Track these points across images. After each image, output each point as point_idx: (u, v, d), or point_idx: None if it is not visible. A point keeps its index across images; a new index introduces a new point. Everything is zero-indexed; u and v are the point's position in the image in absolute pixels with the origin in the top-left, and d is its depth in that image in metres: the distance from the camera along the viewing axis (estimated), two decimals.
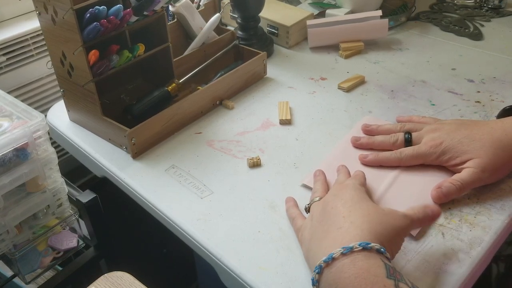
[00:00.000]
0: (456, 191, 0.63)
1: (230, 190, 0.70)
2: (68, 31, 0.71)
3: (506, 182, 0.68)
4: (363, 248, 0.47)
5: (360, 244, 0.47)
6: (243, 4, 0.96)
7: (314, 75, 0.96)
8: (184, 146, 0.79)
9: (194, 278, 1.18)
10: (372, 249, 0.47)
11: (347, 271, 0.46)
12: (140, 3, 0.75)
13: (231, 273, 0.59)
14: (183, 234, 0.65)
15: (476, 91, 0.87)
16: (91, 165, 0.81)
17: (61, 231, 0.81)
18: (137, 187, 0.72)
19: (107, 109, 0.79)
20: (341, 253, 0.47)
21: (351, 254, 0.47)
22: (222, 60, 0.95)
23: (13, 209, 0.71)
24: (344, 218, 0.52)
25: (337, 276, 0.47)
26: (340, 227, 0.51)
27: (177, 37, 0.97)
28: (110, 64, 0.75)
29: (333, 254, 0.47)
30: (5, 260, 0.79)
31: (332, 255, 0.47)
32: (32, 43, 1.22)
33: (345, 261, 0.47)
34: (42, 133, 0.70)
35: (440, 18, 1.14)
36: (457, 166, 0.66)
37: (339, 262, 0.47)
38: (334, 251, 0.48)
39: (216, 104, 0.87)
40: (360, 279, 0.45)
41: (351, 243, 0.48)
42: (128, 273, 0.61)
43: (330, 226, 0.52)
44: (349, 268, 0.46)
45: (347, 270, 0.46)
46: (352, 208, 0.53)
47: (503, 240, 0.64)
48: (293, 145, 0.78)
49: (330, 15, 1.09)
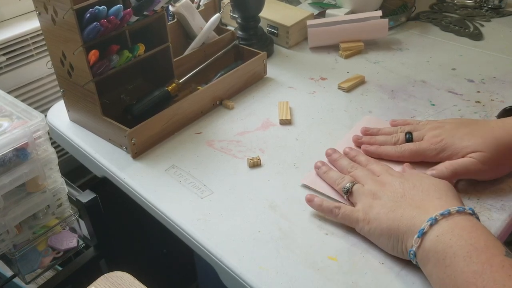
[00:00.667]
0: (448, 175, 0.64)
1: (230, 190, 0.70)
2: (68, 31, 0.71)
3: (506, 182, 0.68)
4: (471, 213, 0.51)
5: (470, 208, 0.51)
6: (243, 4, 0.96)
7: (314, 75, 0.96)
8: (184, 146, 0.79)
9: (194, 278, 1.18)
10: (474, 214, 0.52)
11: (465, 223, 0.49)
12: (140, 3, 0.75)
13: (231, 273, 0.59)
14: (183, 234, 0.65)
15: (476, 91, 0.87)
16: (91, 165, 0.81)
17: (61, 231, 0.81)
18: (137, 187, 0.72)
19: (107, 109, 0.79)
20: (456, 211, 0.50)
21: (464, 214, 0.50)
22: (222, 60, 0.95)
23: (13, 209, 0.71)
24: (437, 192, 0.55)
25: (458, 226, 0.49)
26: (440, 197, 0.54)
27: (177, 37, 0.97)
28: (110, 64, 0.75)
29: (450, 210, 0.50)
30: (5, 260, 0.78)
31: (449, 210, 0.50)
32: (32, 43, 1.22)
33: (461, 218, 0.50)
34: (42, 133, 0.70)
35: (440, 18, 1.14)
36: None
37: (457, 217, 0.50)
38: (450, 208, 0.51)
39: (216, 104, 0.87)
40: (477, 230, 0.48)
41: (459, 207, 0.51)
42: (128, 273, 0.61)
43: (426, 196, 0.55)
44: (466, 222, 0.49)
45: (465, 223, 0.49)
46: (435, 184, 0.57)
47: (503, 240, 0.64)
48: (293, 145, 0.78)
49: (330, 15, 1.09)
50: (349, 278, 0.57)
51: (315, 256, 0.60)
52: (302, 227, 0.64)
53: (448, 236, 0.49)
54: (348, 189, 0.63)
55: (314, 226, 0.64)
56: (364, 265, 0.58)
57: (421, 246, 0.51)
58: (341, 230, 0.63)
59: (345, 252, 0.60)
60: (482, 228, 0.50)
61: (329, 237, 0.62)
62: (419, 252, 0.52)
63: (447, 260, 0.47)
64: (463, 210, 0.51)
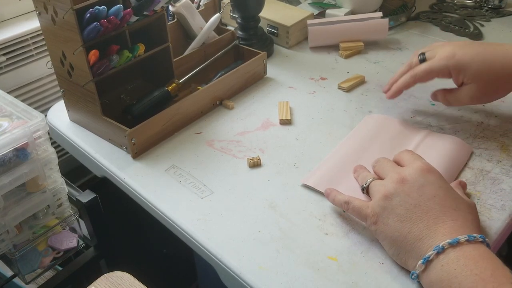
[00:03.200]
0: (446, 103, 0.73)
1: (230, 190, 0.70)
2: (68, 31, 0.71)
3: (506, 182, 0.68)
4: (482, 241, 0.49)
5: (481, 236, 0.49)
6: (243, 4, 0.96)
7: (314, 75, 0.96)
8: (184, 146, 0.79)
9: (194, 278, 1.18)
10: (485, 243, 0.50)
11: (473, 253, 0.48)
12: (140, 3, 0.75)
13: (231, 273, 0.59)
14: (183, 234, 0.65)
15: None
16: (91, 165, 0.81)
17: (61, 231, 0.81)
18: (137, 187, 0.72)
19: (107, 109, 0.79)
20: (466, 240, 0.48)
21: (474, 242, 0.49)
22: (222, 60, 0.95)
23: (13, 209, 0.71)
24: (455, 211, 0.52)
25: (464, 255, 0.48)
26: (456, 219, 0.51)
27: (177, 37, 0.97)
28: (110, 64, 0.75)
29: (459, 239, 0.48)
30: (5, 260, 0.78)
31: (458, 239, 0.48)
32: (32, 43, 1.22)
33: (470, 247, 0.48)
34: (42, 133, 0.70)
35: (440, 18, 1.14)
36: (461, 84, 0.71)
37: (465, 246, 0.48)
38: (460, 236, 0.49)
39: (216, 104, 0.87)
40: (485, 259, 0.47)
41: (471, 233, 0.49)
42: (128, 273, 0.61)
43: (442, 214, 0.52)
44: (474, 251, 0.48)
45: (472, 252, 0.48)
46: (457, 201, 0.54)
47: (503, 240, 0.64)
48: (293, 145, 0.78)
49: (330, 15, 1.09)
50: (349, 278, 0.57)
51: (315, 256, 0.60)
52: (302, 227, 0.64)
53: (454, 266, 0.47)
54: (364, 187, 0.62)
55: (314, 226, 0.64)
56: (364, 265, 0.58)
57: (425, 272, 0.50)
58: (341, 230, 0.63)
59: (345, 252, 0.60)
60: (490, 256, 0.48)
61: (329, 237, 0.62)
62: (423, 277, 0.51)
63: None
64: (473, 239, 0.49)
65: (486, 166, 0.71)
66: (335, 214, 0.65)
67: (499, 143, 0.75)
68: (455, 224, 0.51)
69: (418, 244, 0.51)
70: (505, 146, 0.74)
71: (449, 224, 0.51)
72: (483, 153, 0.73)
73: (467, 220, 0.52)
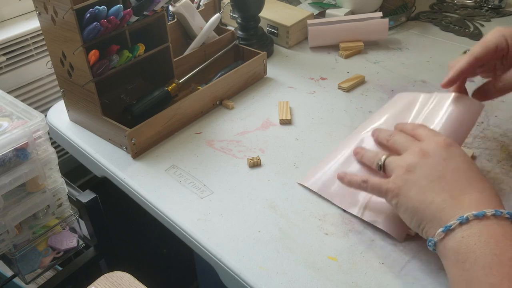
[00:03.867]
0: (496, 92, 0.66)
1: (230, 190, 0.70)
2: (68, 31, 0.71)
3: (506, 182, 0.68)
4: (509, 217, 0.47)
5: (508, 213, 0.47)
6: (243, 4, 0.96)
7: (314, 75, 0.96)
8: (184, 146, 0.79)
9: (194, 278, 1.18)
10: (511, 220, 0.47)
11: (497, 230, 0.45)
12: (140, 3, 0.75)
13: (231, 273, 0.59)
14: (183, 234, 0.65)
15: None
16: (91, 165, 0.81)
17: (61, 231, 0.81)
18: (137, 187, 0.72)
19: (107, 109, 0.79)
20: (492, 214, 0.46)
21: (500, 218, 0.46)
22: (222, 60, 0.95)
23: (13, 209, 0.71)
24: (481, 183, 0.50)
25: (488, 231, 0.45)
26: (482, 191, 0.49)
27: (177, 37, 0.97)
28: (110, 64, 0.75)
29: (486, 212, 0.46)
30: (5, 260, 0.78)
31: (485, 212, 0.46)
32: (32, 43, 1.22)
33: (495, 223, 0.46)
34: (42, 133, 0.70)
35: (440, 18, 1.14)
36: None
37: (491, 221, 0.46)
38: (487, 210, 0.46)
39: (216, 104, 0.87)
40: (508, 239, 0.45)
41: (500, 209, 0.47)
42: (128, 273, 0.61)
43: (468, 186, 0.50)
44: (498, 228, 0.45)
45: (496, 230, 0.45)
46: (481, 175, 0.51)
47: None
48: (293, 145, 0.78)
49: (330, 15, 1.09)
50: (349, 278, 0.57)
51: (315, 256, 0.60)
52: (302, 227, 0.64)
53: (474, 240, 0.45)
54: (380, 165, 0.58)
55: (314, 226, 0.64)
56: (364, 265, 0.58)
57: (443, 241, 0.48)
58: (341, 230, 0.63)
59: (345, 252, 0.60)
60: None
61: (329, 237, 0.62)
62: (440, 245, 0.49)
63: (466, 264, 0.45)
64: (500, 214, 0.46)
65: (486, 166, 0.71)
66: (335, 214, 0.65)
67: (499, 143, 0.75)
68: (481, 196, 0.48)
69: (441, 213, 0.49)
70: (505, 146, 0.74)
71: (475, 196, 0.49)
72: (483, 153, 0.73)
73: (493, 194, 0.49)
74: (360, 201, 0.64)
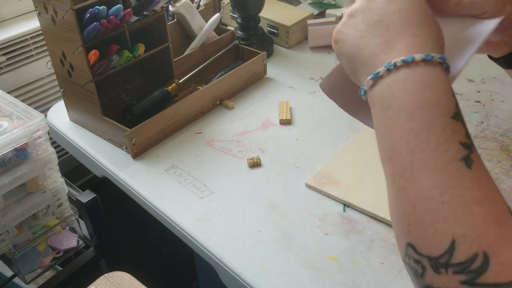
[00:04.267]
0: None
1: (230, 190, 0.70)
2: (68, 31, 0.71)
3: (506, 182, 0.68)
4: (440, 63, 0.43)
5: (441, 57, 0.43)
6: (243, 4, 0.96)
7: (314, 75, 0.96)
8: (184, 146, 0.79)
9: (194, 278, 1.18)
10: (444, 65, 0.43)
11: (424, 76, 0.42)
12: (140, 3, 0.75)
13: (231, 273, 0.59)
14: (183, 234, 0.65)
15: (476, 91, 0.87)
16: (91, 165, 0.81)
17: (61, 231, 0.81)
18: (137, 187, 0.72)
19: (107, 109, 0.79)
20: (422, 59, 0.42)
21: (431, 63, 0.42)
22: (222, 60, 0.94)
23: (13, 209, 0.71)
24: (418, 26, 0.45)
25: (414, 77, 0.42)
26: (418, 34, 0.45)
27: (177, 37, 0.97)
28: (110, 64, 0.75)
29: (415, 57, 0.42)
30: (5, 260, 0.78)
31: (414, 57, 0.42)
32: (32, 43, 1.22)
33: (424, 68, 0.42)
34: (42, 133, 0.70)
35: None
36: None
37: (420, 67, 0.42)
38: (416, 54, 0.42)
39: (216, 104, 0.87)
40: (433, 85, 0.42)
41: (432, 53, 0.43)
42: (128, 273, 0.61)
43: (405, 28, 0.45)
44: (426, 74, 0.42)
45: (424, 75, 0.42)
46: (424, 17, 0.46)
47: None
48: (293, 145, 0.78)
49: (330, 15, 1.09)
50: (349, 278, 0.57)
51: (315, 256, 0.60)
52: (302, 227, 0.64)
53: (399, 87, 0.42)
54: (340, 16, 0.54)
55: (314, 226, 0.64)
56: (364, 265, 0.58)
57: (372, 89, 0.45)
58: (341, 230, 0.63)
59: (345, 252, 0.60)
60: (442, 83, 0.42)
61: (329, 237, 0.62)
62: (369, 94, 0.45)
63: (389, 112, 0.43)
64: (430, 59, 0.43)
65: (486, 166, 0.70)
66: (335, 214, 0.65)
67: (499, 143, 0.75)
68: (415, 41, 0.44)
69: (373, 59, 0.45)
70: (505, 146, 0.75)
71: (409, 40, 0.45)
72: (483, 153, 0.73)
73: (430, 37, 0.45)
74: None
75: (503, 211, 0.37)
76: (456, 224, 0.36)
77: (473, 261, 0.35)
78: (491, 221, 0.36)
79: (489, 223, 0.36)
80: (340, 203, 0.66)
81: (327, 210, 0.66)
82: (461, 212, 0.37)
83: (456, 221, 0.36)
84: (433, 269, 0.37)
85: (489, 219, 0.36)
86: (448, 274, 0.36)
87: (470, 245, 0.36)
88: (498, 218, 0.36)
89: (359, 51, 0.47)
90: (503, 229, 0.36)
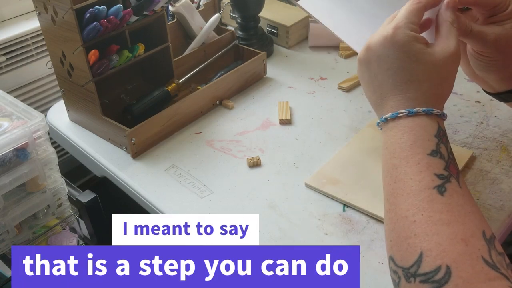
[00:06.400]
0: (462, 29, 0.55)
1: (230, 190, 0.70)
2: (68, 31, 0.71)
3: (506, 182, 0.68)
4: (426, 113, 0.50)
5: (424, 110, 0.50)
6: (243, 4, 0.96)
7: (314, 75, 0.96)
8: (184, 146, 0.79)
9: None
10: (433, 114, 0.50)
11: (408, 125, 0.50)
12: (140, 3, 0.75)
13: None
14: None
15: (476, 91, 0.87)
16: (91, 165, 0.81)
17: (61, 231, 0.81)
18: (137, 187, 0.72)
19: (107, 109, 0.79)
20: (405, 114, 0.50)
21: (414, 116, 0.50)
22: (222, 60, 0.95)
23: (13, 209, 0.71)
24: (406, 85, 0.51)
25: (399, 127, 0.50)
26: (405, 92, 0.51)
27: (177, 37, 0.97)
28: (110, 64, 0.75)
29: (398, 114, 0.50)
30: (5, 260, 0.78)
31: (397, 114, 0.50)
32: (32, 43, 1.22)
33: (408, 119, 0.50)
34: (42, 133, 0.70)
35: None
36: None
37: (403, 120, 0.50)
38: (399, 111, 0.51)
39: (216, 104, 0.87)
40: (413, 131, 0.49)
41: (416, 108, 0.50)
42: None
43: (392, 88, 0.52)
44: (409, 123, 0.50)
45: (407, 124, 0.50)
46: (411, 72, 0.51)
47: (503, 240, 0.64)
48: (293, 145, 0.78)
49: None
50: None
51: None
52: (302, 227, 0.64)
53: (388, 133, 0.51)
54: None
55: (314, 226, 0.64)
56: (364, 265, 0.58)
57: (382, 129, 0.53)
58: (341, 230, 0.63)
59: None
60: (422, 128, 0.49)
61: (329, 237, 0.62)
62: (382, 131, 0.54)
63: (383, 152, 0.51)
64: (413, 113, 0.50)
65: (486, 166, 0.71)
66: (335, 214, 0.65)
67: (499, 143, 0.75)
68: (403, 98, 0.51)
69: (375, 109, 0.55)
70: (505, 146, 0.75)
71: (398, 98, 0.52)
72: (483, 153, 0.73)
73: (418, 92, 0.51)
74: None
75: (472, 233, 0.42)
76: (424, 239, 0.42)
77: (436, 272, 0.41)
78: (457, 240, 0.41)
79: (454, 241, 0.41)
80: (339, 203, 0.67)
81: (327, 210, 0.66)
82: (429, 230, 0.43)
83: (424, 237, 0.43)
84: (405, 279, 0.43)
85: (455, 238, 0.42)
86: (415, 283, 0.42)
87: (435, 258, 0.41)
88: (465, 239, 0.41)
89: (368, 96, 0.56)
90: (468, 249, 0.41)
